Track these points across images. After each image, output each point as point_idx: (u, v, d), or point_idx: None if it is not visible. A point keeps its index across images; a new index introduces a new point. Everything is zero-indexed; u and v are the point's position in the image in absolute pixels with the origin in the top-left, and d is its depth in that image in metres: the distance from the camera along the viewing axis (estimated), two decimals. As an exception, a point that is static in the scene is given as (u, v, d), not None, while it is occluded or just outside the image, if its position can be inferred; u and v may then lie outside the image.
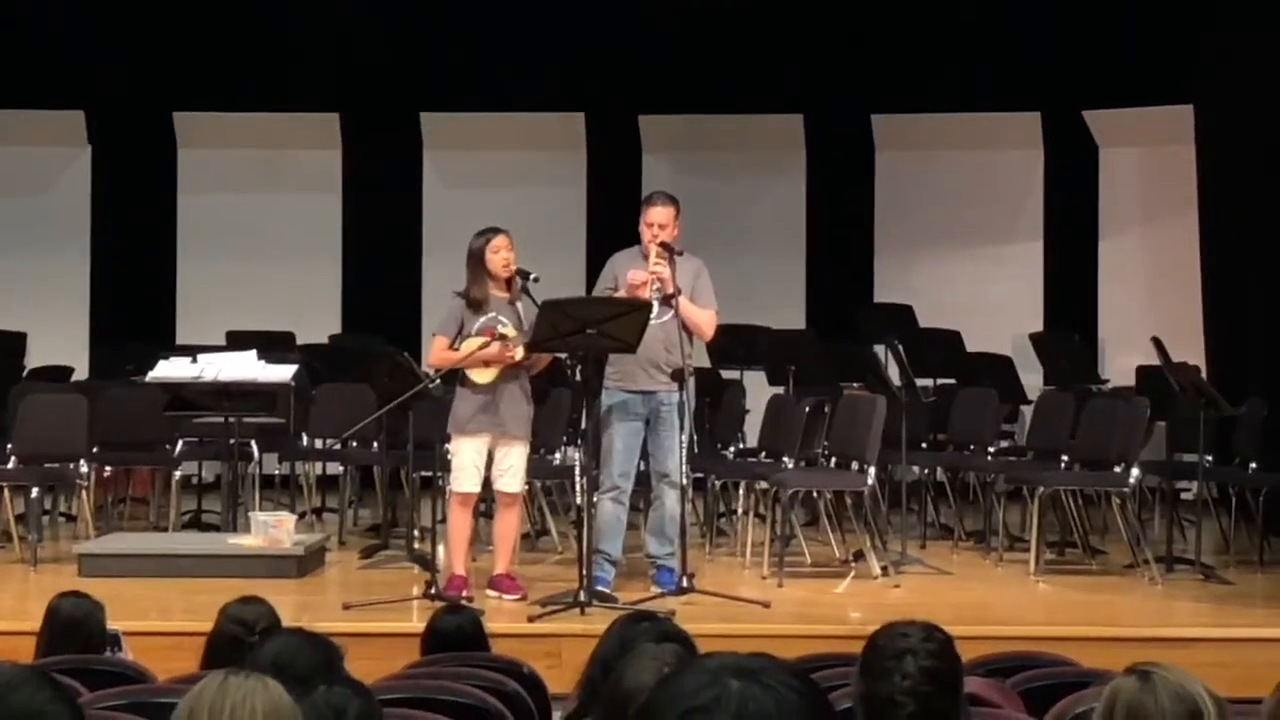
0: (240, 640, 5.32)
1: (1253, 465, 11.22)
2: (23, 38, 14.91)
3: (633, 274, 9.29)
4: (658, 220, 9.36)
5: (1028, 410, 12.93)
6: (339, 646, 4.40)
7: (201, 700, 3.13)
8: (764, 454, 11.67)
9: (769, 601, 8.98)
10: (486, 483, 9.36)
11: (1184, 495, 12.06)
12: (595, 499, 9.34)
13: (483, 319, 9.22)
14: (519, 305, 9.24)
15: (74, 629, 6.05)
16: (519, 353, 9.12)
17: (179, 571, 9.69)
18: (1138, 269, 15.09)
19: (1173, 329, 12.61)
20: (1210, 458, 10.98)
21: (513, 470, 9.29)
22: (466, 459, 9.25)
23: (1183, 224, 14.08)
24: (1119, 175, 15.29)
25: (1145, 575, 10.15)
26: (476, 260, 9.29)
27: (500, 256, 9.25)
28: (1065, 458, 11.11)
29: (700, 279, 9.48)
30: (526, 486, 9.90)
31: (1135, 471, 10.40)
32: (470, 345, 9.15)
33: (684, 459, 9.28)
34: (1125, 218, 15.26)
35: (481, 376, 9.19)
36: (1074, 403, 11.53)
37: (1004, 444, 12.60)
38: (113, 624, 6.28)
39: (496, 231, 9.33)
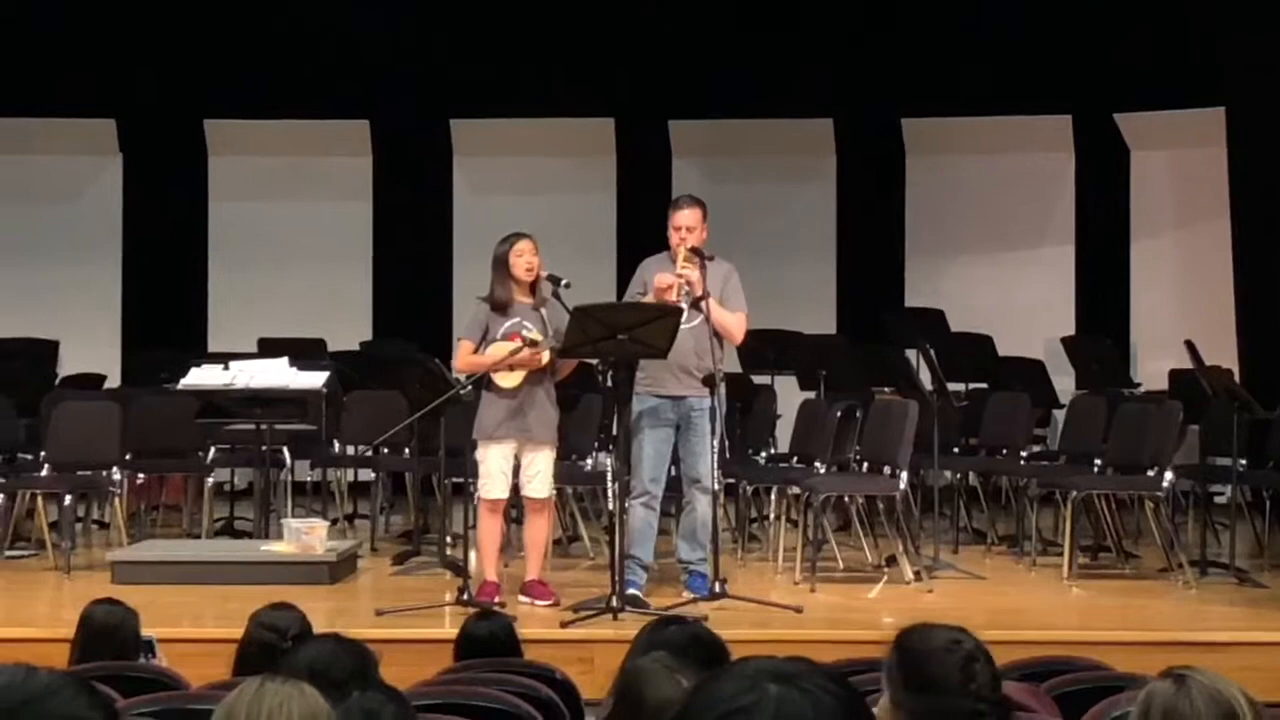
0: (273, 647, 5.32)
1: (1287, 469, 11.17)
2: (54, 47, 14.98)
3: (660, 277, 9.28)
4: (685, 223, 9.36)
5: (1060, 414, 12.91)
6: (374, 653, 4.40)
7: (238, 705, 3.13)
8: (796, 459, 11.65)
9: (801, 606, 8.97)
10: (517, 489, 9.38)
11: (1217, 499, 12.02)
12: (627, 504, 9.34)
13: (508, 323, 9.23)
14: (543, 311, 9.25)
15: (108, 636, 6.06)
16: (545, 356, 9.13)
17: (212, 578, 9.72)
18: (1170, 272, 15.06)
19: (1205, 332, 12.60)
20: (1244, 461, 10.94)
21: (540, 475, 9.29)
22: (494, 465, 9.26)
23: (1215, 227, 14.04)
24: (1150, 178, 15.26)
25: (1179, 579, 10.11)
26: (500, 264, 9.32)
27: (524, 260, 9.27)
28: (1098, 461, 11.08)
29: (730, 282, 9.47)
30: (555, 491, 9.90)
31: (1168, 475, 10.36)
32: (499, 349, 9.16)
33: (715, 464, 9.28)
34: (1157, 220, 15.22)
35: (507, 381, 9.19)
36: (1106, 406, 11.50)
37: (1036, 448, 12.55)
38: (146, 631, 6.29)
39: (520, 236, 9.37)
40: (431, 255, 15.66)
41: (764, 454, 12.39)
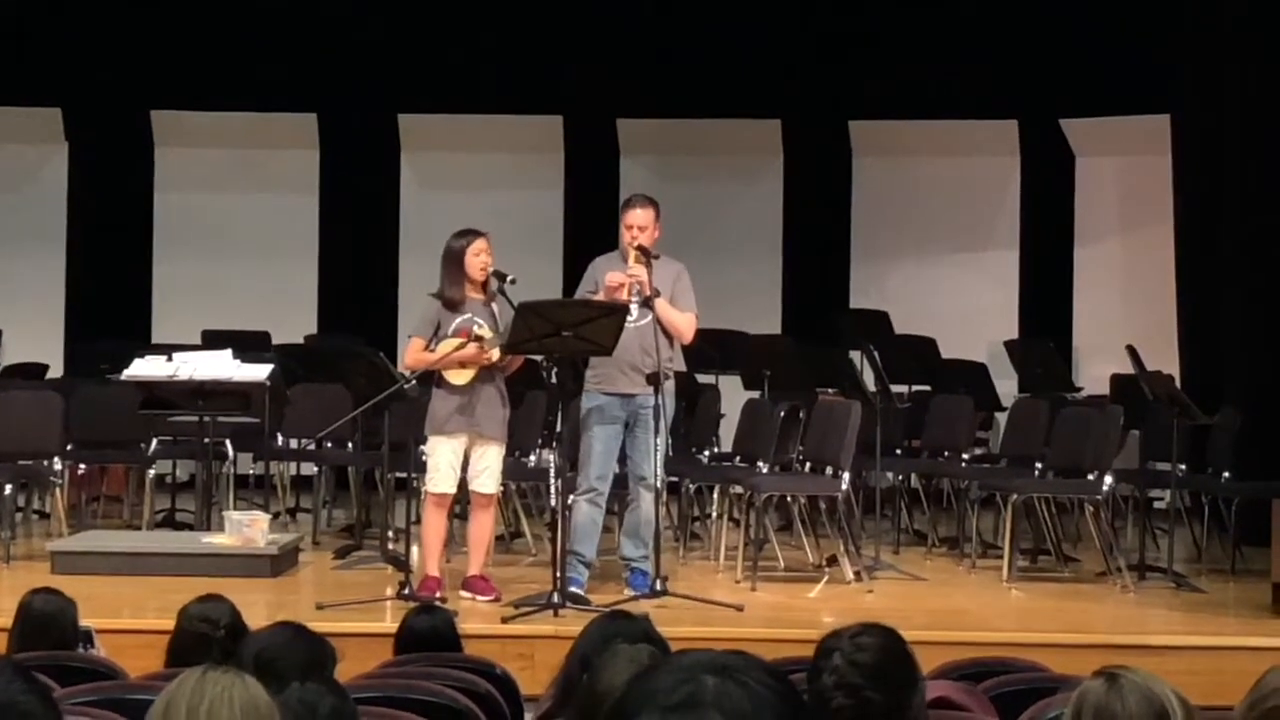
0: (206, 637, 5.32)
1: (1225, 474, 11.19)
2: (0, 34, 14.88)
3: (610, 276, 9.29)
4: (637, 222, 9.38)
5: (1002, 417, 12.94)
6: (333, 648, 4.39)
7: (179, 694, 3.13)
8: (739, 458, 11.67)
9: (742, 605, 8.99)
10: (461, 484, 9.37)
11: (1157, 504, 12.09)
12: (571, 500, 9.34)
13: (459, 319, 9.22)
14: (494, 306, 9.25)
15: (46, 626, 6.03)
16: (495, 354, 9.13)
17: (152, 570, 9.68)
18: (1113, 277, 15.13)
19: (1147, 337, 12.67)
20: (1183, 466, 11.02)
21: (489, 471, 9.29)
22: (443, 459, 9.25)
23: (1158, 233, 14.12)
24: (1095, 184, 15.32)
25: (1118, 583, 10.18)
26: (455, 261, 9.28)
27: (480, 260, 9.25)
28: (1039, 465, 11.13)
29: (680, 282, 9.49)
30: (501, 488, 9.90)
31: (1108, 479, 10.40)
32: (447, 346, 9.15)
33: (660, 461, 9.29)
34: (1101, 226, 15.29)
35: (458, 378, 9.19)
36: (1048, 410, 11.55)
37: (978, 451, 12.61)
38: (85, 621, 6.27)
39: (477, 234, 9.33)
40: (378, 249, 15.62)
41: (707, 453, 12.40)
